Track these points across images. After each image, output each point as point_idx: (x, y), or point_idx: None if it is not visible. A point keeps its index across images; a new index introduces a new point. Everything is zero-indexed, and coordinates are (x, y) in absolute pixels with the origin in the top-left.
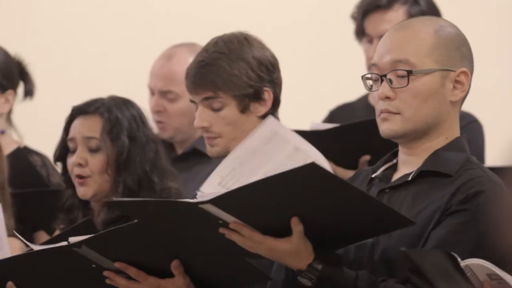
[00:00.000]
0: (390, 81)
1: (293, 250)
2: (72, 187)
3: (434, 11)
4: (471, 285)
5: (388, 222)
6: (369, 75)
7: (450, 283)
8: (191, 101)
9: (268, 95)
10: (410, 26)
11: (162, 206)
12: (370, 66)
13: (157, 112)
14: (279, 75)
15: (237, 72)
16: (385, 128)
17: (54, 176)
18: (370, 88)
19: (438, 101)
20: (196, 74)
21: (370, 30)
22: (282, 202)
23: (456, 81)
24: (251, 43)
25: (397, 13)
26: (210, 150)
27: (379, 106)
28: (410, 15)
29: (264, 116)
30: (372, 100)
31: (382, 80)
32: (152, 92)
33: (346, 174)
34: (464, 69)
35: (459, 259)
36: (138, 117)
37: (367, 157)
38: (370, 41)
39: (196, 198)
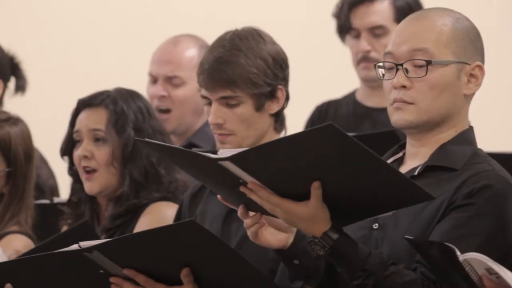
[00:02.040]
0: (406, 70)
1: (310, 214)
2: (80, 181)
3: (418, 4)
4: (469, 279)
5: (407, 195)
6: (381, 64)
7: (446, 276)
8: (203, 97)
9: (281, 93)
10: (427, 16)
11: (185, 155)
12: (359, 61)
13: (161, 97)
14: (289, 71)
15: (255, 70)
16: (399, 118)
17: (42, 169)
18: (382, 77)
19: (453, 94)
20: (215, 71)
21: (358, 23)
22: (300, 164)
23: (471, 75)
24: (265, 39)
25: (383, 5)
26: (221, 148)
27: (392, 95)
28: (396, 8)
29: (276, 115)
30: (357, 97)
31: (397, 69)
32: (154, 79)
33: None
34: (479, 63)
35: (458, 253)
36: (144, 109)
37: None
38: (357, 35)
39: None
